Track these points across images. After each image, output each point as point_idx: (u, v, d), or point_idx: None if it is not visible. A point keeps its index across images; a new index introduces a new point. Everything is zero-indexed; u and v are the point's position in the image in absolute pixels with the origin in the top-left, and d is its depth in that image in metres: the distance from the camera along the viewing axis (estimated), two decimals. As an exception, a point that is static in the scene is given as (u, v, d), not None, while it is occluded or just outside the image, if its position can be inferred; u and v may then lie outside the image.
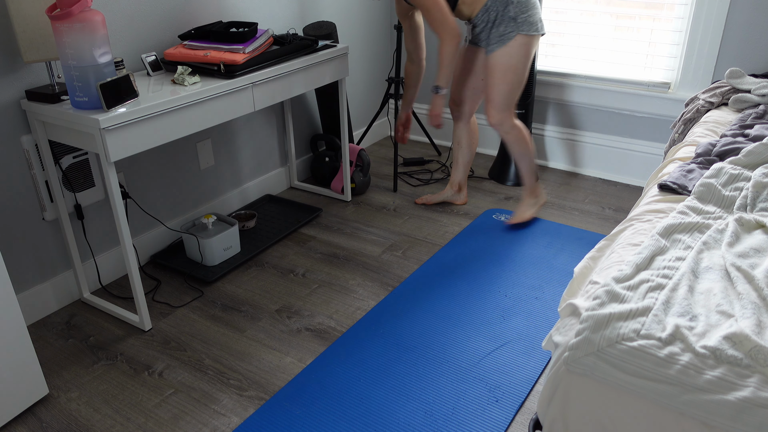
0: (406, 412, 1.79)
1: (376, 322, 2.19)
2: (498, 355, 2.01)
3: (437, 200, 3.03)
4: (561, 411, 1.22)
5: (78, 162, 2.20)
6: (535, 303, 2.28)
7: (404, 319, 2.20)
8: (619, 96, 3.12)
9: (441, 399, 1.84)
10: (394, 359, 2.01)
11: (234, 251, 2.58)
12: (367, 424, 1.75)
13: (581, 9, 3.11)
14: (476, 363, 1.98)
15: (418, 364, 1.98)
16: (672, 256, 1.38)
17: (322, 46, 2.66)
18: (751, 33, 2.73)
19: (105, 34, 1.82)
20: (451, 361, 1.99)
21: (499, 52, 2.45)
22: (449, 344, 2.07)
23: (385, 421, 1.76)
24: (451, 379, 1.91)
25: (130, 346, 2.10)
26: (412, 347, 2.06)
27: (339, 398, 1.85)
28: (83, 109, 1.86)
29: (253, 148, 2.98)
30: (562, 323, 1.32)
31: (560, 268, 2.50)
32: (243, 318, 2.23)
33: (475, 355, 2.02)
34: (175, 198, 2.64)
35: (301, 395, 1.86)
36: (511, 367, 1.96)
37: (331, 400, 1.84)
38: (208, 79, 2.22)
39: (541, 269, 2.49)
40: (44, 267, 2.22)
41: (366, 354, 2.03)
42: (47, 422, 1.78)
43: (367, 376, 1.93)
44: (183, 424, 1.77)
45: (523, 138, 2.65)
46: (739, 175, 1.72)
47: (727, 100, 2.51)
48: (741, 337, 1.10)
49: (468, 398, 1.84)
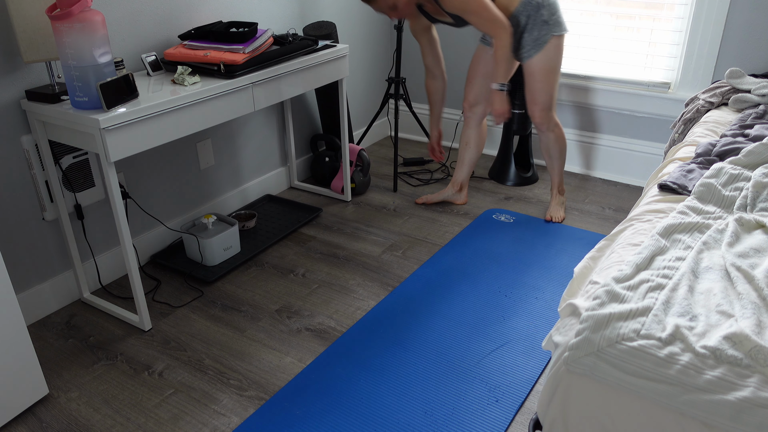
0: (406, 412, 1.79)
1: (376, 322, 2.19)
2: (498, 355, 2.01)
3: (438, 199, 3.03)
4: (561, 411, 1.22)
5: (78, 162, 2.20)
6: (536, 303, 2.28)
7: (404, 319, 2.20)
8: (619, 96, 3.12)
9: (441, 399, 1.84)
10: (393, 359, 2.01)
11: (234, 251, 2.58)
12: (367, 424, 1.75)
13: (581, 9, 3.11)
14: (476, 363, 1.98)
15: (418, 364, 1.98)
16: (672, 256, 1.38)
17: (322, 46, 2.66)
18: (751, 33, 2.73)
19: (105, 34, 1.82)
20: (451, 361, 1.99)
21: (537, 57, 2.50)
22: (449, 344, 2.07)
23: (385, 421, 1.76)
24: (452, 379, 1.91)
25: (130, 346, 2.10)
26: (412, 347, 2.06)
27: (339, 398, 1.85)
28: (83, 109, 1.86)
29: (253, 148, 2.99)
30: (562, 323, 1.31)
31: (560, 269, 2.50)
32: (243, 318, 2.23)
33: (476, 355, 2.02)
34: (175, 198, 2.64)
35: (301, 395, 1.86)
36: (511, 368, 1.96)
37: (331, 400, 1.84)
38: (208, 79, 2.22)
39: (541, 269, 2.49)
40: (44, 267, 2.22)
41: (366, 354, 2.03)
42: (47, 422, 1.78)
43: (367, 376, 1.93)
44: (183, 424, 1.77)
45: (563, 136, 2.75)
46: (739, 175, 1.72)
47: (727, 100, 2.51)
48: (741, 337, 1.10)
49: (468, 398, 1.84)
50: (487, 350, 2.04)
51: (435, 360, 2.00)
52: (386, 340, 2.10)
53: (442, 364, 1.98)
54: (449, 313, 2.23)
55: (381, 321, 2.19)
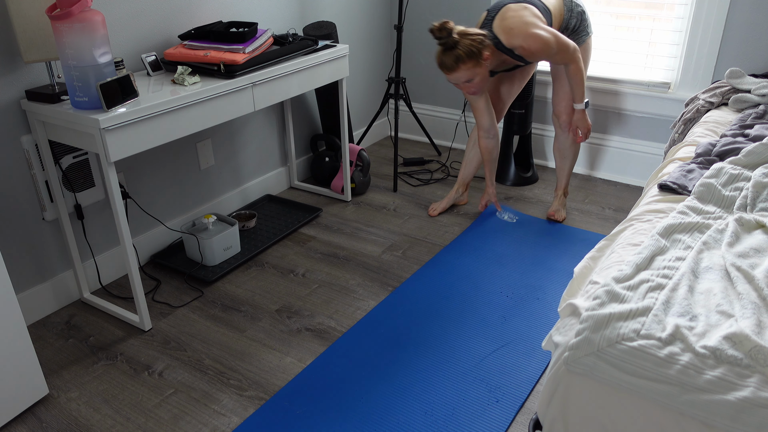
0: (406, 413, 1.79)
1: (376, 322, 2.19)
2: (498, 355, 2.01)
3: (448, 205, 2.99)
4: (561, 411, 1.22)
5: (78, 162, 2.20)
6: (536, 303, 2.28)
7: (404, 320, 2.20)
8: (619, 96, 3.12)
9: (441, 399, 1.84)
10: (394, 359, 2.00)
11: (234, 251, 2.58)
12: (367, 424, 1.75)
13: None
14: (477, 364, 1.98)
15: (419, 365, 1.98)
16: (672, 256, 1.38)
17: (322, 46, 2.66)
18: (751, 33, 2.73)
19: (105, 34, 1.82)
20: (451, 361, 1.99)
21: None
22: (450, 345, 2.07)
23: (384, 421, 1.76)
24: (452, 379, 1.91)
25: (130, 346, 2.10)
26: (412, 347, 2.06)
27: (339, 398, 1.85)
28: (83, 109, 1.86)
29: (253, 148, 2.99)
30: (562, 323, 1.31)
31: (561, 269, 2.50)
32: (243, 318, 2.23)
33: (476, 355, 2.02)
34: (175, 198, 2.64)
35: (301, 395, 1.86)
36: (511, 368, 1.96)
37: (331, 400, 1.84)
38: (208, 79, 2.22)
39: (543, 270, 2.49)
40: (44, 267, 2.22)
41: (366, 354, 2.03)
42: (47, 422, 1.78)
43: (367, 377, 1.93)
44: (183, 424, 1.77)
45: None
46: (739, 175, 1.72)
47: (727, 100, 2.51)
48: (741, 337, 1.10)
49: (468, 399, 1.84)
50: (488, 351, 2.04)
51: (435, 360, 2.00)
52: (387, 340, 2.09)
53: (443, 364, 1.98)
54: (450, 313, 2.23)
55: (381, 321, 2.19)
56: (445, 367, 1.96)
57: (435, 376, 1.93)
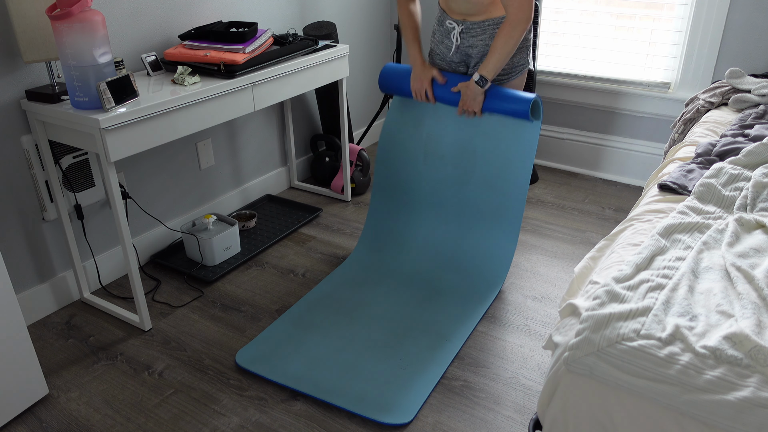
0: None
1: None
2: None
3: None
4: (561, 411, 1.22)
5: (78, 162, 2.20)
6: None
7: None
8: (619, 96, 3.12)
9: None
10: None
11: (234, 251, 2.58)
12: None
13: (581, 9, 3.11)
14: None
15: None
16: (672, 256, 1.38)
17: (322, 46, 2.66)
18: (751, 33, 2.73)
19: (105, 34, 1.82)
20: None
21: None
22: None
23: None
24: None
25: (130, 346, 2.10)
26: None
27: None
28: (83, 109, 1.86)
29: (253, 148, 2.99)
30: (562, 323, 1.31)
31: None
32: (243, 318, 2.23)
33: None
34: (175, 198, 2.64)
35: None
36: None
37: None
38: (208, 79, 2.22)
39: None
40: (44, 267, 2.22)
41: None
42: (47, 422, 1.78)
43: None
44: (183, 424, 1.77)
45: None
46: (739, 175, 1.72)
47: (727, 100, 2.51)
48: (741, 337, 1.10)
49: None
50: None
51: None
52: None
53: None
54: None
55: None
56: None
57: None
